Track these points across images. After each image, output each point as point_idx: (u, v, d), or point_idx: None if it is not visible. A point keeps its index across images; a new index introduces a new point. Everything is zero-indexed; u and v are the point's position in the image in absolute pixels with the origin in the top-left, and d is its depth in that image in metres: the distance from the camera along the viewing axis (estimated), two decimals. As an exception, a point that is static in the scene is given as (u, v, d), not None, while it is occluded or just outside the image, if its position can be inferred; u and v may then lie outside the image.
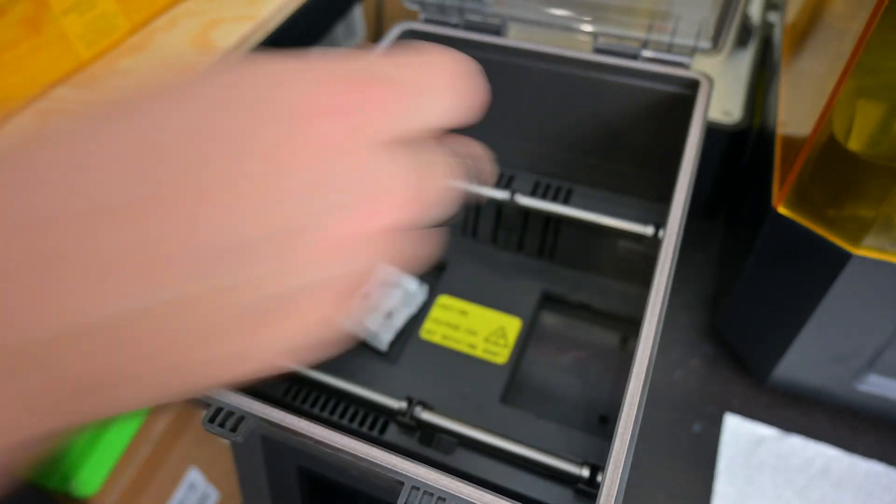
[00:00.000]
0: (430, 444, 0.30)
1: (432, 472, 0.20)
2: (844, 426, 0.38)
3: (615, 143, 0.39)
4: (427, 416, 0.29)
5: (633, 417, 0.21)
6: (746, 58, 0.50)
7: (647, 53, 0.35)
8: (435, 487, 0.20)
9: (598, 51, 0.36)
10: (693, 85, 0.34)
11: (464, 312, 0.38)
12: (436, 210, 0.16)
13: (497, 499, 0.20)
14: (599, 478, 0.26)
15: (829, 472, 0.36)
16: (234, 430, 0.22)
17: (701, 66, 0.35)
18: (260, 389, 0.32)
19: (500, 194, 0.39)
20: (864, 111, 0.27)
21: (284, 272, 0.13)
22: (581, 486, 0.27)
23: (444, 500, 0.20)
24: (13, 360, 0.12)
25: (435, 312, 0.38)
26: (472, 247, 0.42)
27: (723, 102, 0.45)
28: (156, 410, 0.61)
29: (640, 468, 0.37)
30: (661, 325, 0.24)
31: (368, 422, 0.31)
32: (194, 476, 0.66)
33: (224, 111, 0.13)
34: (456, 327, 0.37)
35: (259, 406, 0.22)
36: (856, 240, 0.29)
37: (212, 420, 0.22)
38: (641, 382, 0.22)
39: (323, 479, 0.30)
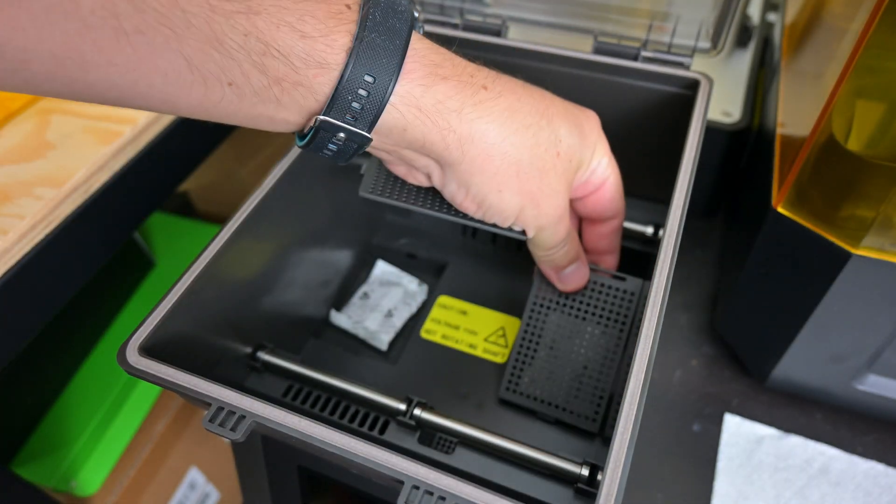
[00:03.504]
0: (430, 444, 0.30)
1: (432, 472, 0.20)
2: (844, 426, 0.38)
3: (615, 142, 0.39)
4: (427, 416, 0.29)
5: (633, 417, 0.21)
6: (746, 58, 0.50)
7: (646, 53, 0.35)
8: (435, 487, 0.20)
9: (598, 51, 0.36)
10: (693, 85, 0.34)
11: (464, 312, 0.38)
12: None
13: (497, 498, 0.20)
14: (599, 477, 0.26)
15: (829, 472, 0.37)
16: (234, 429, 0.22)
17: (701, 66, 0.35)
18: (260, 389, 0.32)
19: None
20: (863, 111, 0.27)
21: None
22: (581, 485, 0.27)
23: (444, 499, 0.20)
24: None
25: (435, 312, 0.38)
26: (472, 247, 0.42)
27: (722, 102, 0.45)
28: (156, 410, 0.62)
29: (640, 468, 0.37)
30: (661, 325, 0.24)
31: (368, 422, 0.31)
32: (194, 475, 0.66)
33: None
34: (456, 327, 0.37)
35: (259, 406, 0.22)
36: (855, 239, 0.29)
37: (212, 420, 0.22)
38: (641, 382, 0.22)
39: (323, 479, 0.30)
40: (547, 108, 0.26)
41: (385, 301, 0.39)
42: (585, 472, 0.27)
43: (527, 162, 0.25)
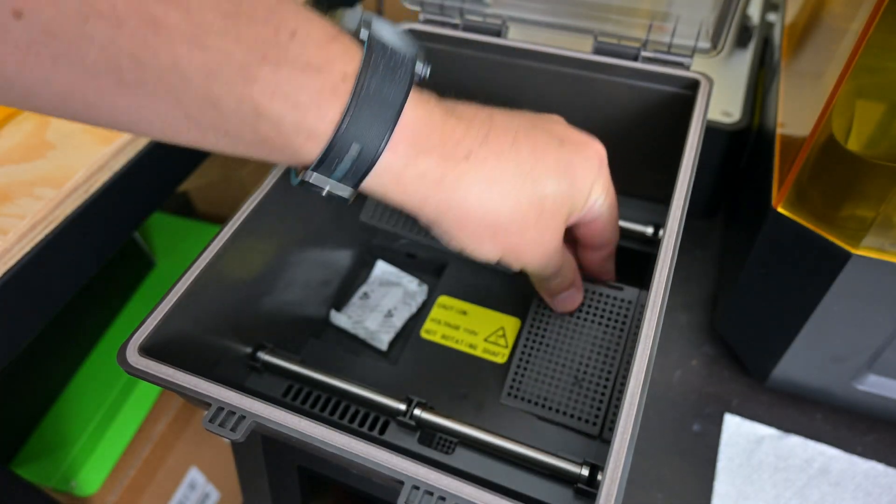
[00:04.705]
0: (430, 444, 0.30)
1: (432, 472, 0.20)
2: (844, 426, 0.39)
3: (615, 143, 0.39)
4: (427, 416, 0.29)
5: (633, 417, 0.21)
6: (746, 58, 0.50)
7: (646, 54, 0.35)
8: (435, 487, 0.20)
9: (598, 51, 0.36)
10: (693, 85, 0.34)
11: (464, 312, 0.38)
12: None
13: (497, 498, 0.20)
14: (599, 477, 0.26)
15: (829, 472, 0.37)
16: (234, 429, 0.22)
17: (701, 66, 0.35)
18: (260, 389, 0.32)
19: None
20: (863, 111, 0.27)
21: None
22: (581, 485, 0.27)
23: (444, 499, 0.20)
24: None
25: (435, 312, 0.38)
26: (471, 247, 0.42)
27: (722, 103, 0.45)
28: (156, 410, 0.62)
29: (640, 468, 0.37)
30: (661, 325, 0.24)
31: (368, 422, 0.31)
32: (194, 475, 0.66)
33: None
34: (456, 327, 0.37)
35: (259, 406, 0.22)
36: (855, 239, 0.29)
37: (212, 420, 0.22)
38: (641, 382, 0.22)
39: (323, 479, 0.30)
40: (534, 166, 0.26)
41: (385, 301, 0.39)
42: (585, 472, 0.27)
43: (505, 223, 0.26)
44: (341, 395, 0.31)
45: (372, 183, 0.24)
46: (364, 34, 0.23)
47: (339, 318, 0.38)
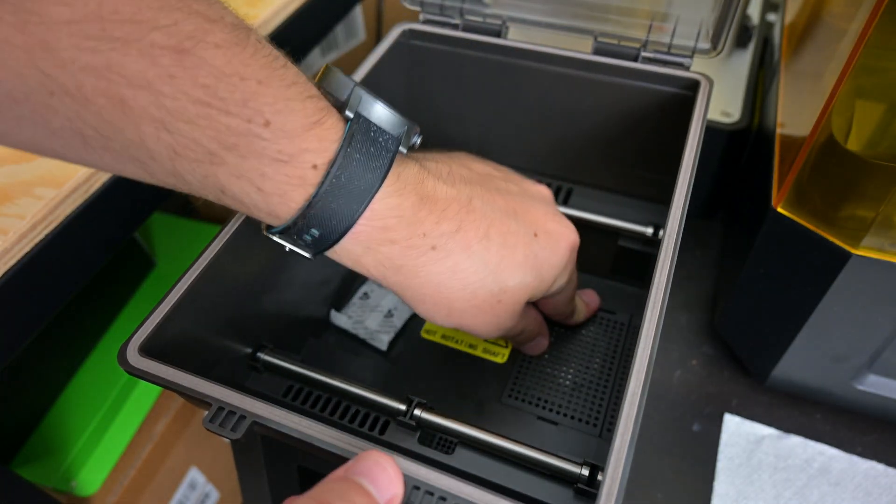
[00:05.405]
0: (430, 445, 0.30)
1: (432, 472, 0.20)
2: (843, 426, 0.39)
3: (615, 143, 0.39)
4: (427, 416, 0.29)
5: (633, 417, 0.21)
6: (746, 58, 0.50)
7: (646, 54, 0.35)
8: (435, 487, 0.20)
9: (598, 51, 0.36)
10: (693, 85, 0.34)
11: (464, 312, 0.38)
12: None
13: (497, 498, 0.20)
14: (599, 477, 0.26)
15: (829, 472, 0.37)
16: (234, 429, 0.22)
17: (701, 66, 0.35)
18: (260, 389, 0.32)
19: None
20: (862, 111, 0.27)
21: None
22: (581, 485, 0.27)
23: (444, 499, 0.20)
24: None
25: (435, 312, 0.38)
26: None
27: (722, 103, 0.45)
28: (156, 410, 0.61)
29: (640, 468, 0.37)
30: (661, 325, 0.24)
31: (369, 422, 0.31)
32: (194, 475, 0.66)
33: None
34: (456, 327, 0.37)
35: (259, 406, 0.22)
36: (855, 239, 0.29)
37: (212, 420, 0.22)
38: (641, 382, 0.22)
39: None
40: (501, 261, 0.26)
41: (385, 301, 0.39)
42: (585, 472, 0.27)
43: (459, 307, 0.26)
44: (341, 395, 0.31)
45: (332, 255, 0.24)
46: (350, 113, 0.22)
47: (339, 318, 0.38)
